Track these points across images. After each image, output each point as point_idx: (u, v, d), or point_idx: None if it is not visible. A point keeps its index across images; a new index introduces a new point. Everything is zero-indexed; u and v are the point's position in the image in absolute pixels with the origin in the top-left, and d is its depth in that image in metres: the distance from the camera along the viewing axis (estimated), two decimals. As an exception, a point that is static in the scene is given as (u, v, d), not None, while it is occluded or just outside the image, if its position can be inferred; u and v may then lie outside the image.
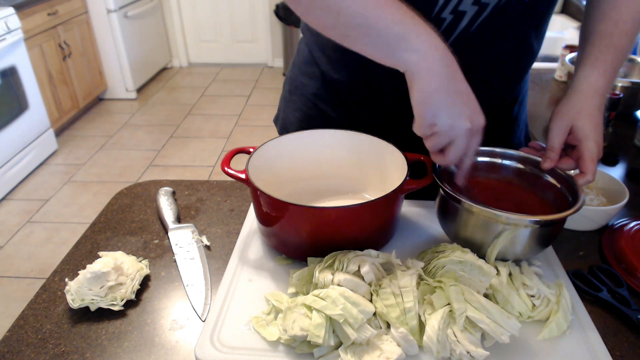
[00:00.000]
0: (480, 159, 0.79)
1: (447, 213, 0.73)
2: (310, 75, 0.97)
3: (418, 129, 0.64)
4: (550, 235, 0.70)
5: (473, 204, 0.66)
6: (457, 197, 0.67)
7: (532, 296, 0.65)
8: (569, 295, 0.65)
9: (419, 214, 0.85)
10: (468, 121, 0.61)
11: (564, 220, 0.68)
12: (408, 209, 0.86)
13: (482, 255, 0.68)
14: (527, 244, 0.67)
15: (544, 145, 0.78)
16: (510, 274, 0.67)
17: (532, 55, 0.86)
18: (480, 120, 0.62)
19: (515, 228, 0.65)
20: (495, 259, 0.69)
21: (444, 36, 0.73)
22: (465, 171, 0.69)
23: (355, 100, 0.93)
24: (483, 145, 0.78)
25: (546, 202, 0.75)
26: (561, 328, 0.62)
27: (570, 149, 0.74)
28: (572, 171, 0.74)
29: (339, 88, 0.93)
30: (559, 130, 0.72)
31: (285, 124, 1.04)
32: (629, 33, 0.74)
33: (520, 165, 0.79)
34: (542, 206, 0.75)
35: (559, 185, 0.74)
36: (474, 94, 0.63)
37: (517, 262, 0.70)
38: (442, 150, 0.65)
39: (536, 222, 0.65)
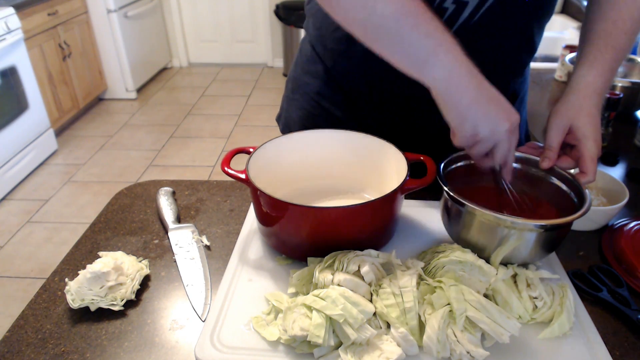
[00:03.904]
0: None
1: (451, 215, 0.73)
2: (313, 74, 0.97)
3: (460, 141, 0.65)
4: (556, 239, 0.69)
5: (477, 208, 0.65)
6: (461, 200, 0.67)
7: (535, 298, 0.65)
8: (572, 297, 0.65)
9: (419, 214, 0.85)
10: (507, 122, 0.62)
11: (570, 224, 0.67)
12: (408, 209, 0.86)
13: (485, 258, 0.68)
14: (532, 248, 0.67)
15: (541, 145, 0.78)
16: (515, 275, 0.67)
17: (533, 50, 0.86)
18: (516, 117, 0.63)
19: (520, 233, 0.65)
20: (500, 263, 0.68)
21: (446, 26, 0.74)
22: (510, 167, 0.69)
23: (358, 97, 0.93)
24: None
25: (552, 204, 0.75)
26: (563, 329, 0.61)
27: (568, 148, 0.74)
28: (572, 170, 0.74)
29: (342, 85, 0.93)
30: (557, 129, 0.72)
31: (288, 123, 1.04)
32: (627, 32, 0.74)
33: (522, 167, 0.78)
34: (547, 209, 0.75)
35: (563, 187, 0.74)
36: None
37: (523, 265, 0.70)
38: (486, 154, 0.67)
39: (542, 227, 0.65)
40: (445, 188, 0.69)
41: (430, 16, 0.60)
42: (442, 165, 0.74)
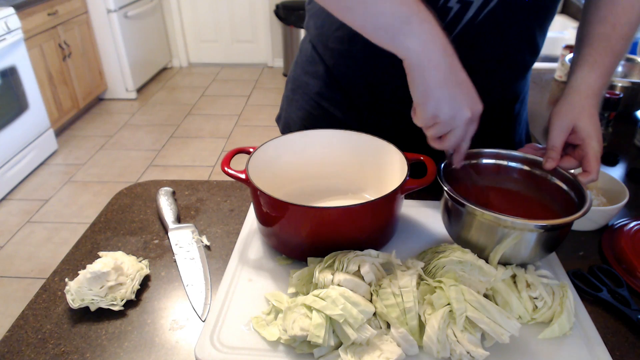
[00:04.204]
0: (484, 161, 0.79)
1: (451, 215, 0.73)
2: (313, 75, 0.97)
3: (419, 120, 0.65)
4: (556, 239, 0.69)
5: (477, 208, 0.65)
6: (461, 200, 0.67)
7: (536, 298, 0.65)
8: (573, 297, 0.65)
9: (419, 214, 0.85)
10: (469, 111, 0.62)
11: (570, 224, 0.67)
12: (408, 209, 0.86)
13: (485, 258, 0.68)
14: (532, 249, 0.67)
15: (541, 146, 0.78)
16: (514, 276, 0.67)
17: (536, 52, 0.86)
18: (478, 108, 0.64)
19: (519, 233, 0.65)
20: (500, 263, 0.68)
21: (450, 26, 0.74)
22: (462, 154, 0.70)
23: (359, 97, 0.93)
24: (486, 145, 0.79)
25: (552, 204, 0.75)
26: (563, 329, 0.61)
27: (570, 148, 0.74)
28: (573, 170, 0.74)
29: (343, 84, 0.93)
30: (560, 129, 0.72)
31: (288, 123, 1.04)
32: (625, 37, 0.75)
33: (524, 167, 0.78)
34: (548, 209, 0.75)
35: (564, 187, 0.74)
36: (477, 88, 0.64)
37: (523, 265, 0.70)
38: (440, 137, 0.67)
39: (542, 227, 0.65)
40: (446, 188, 0.69)
41: None
42: (443, 165, 0.74)
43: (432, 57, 0.59)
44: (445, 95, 0.61)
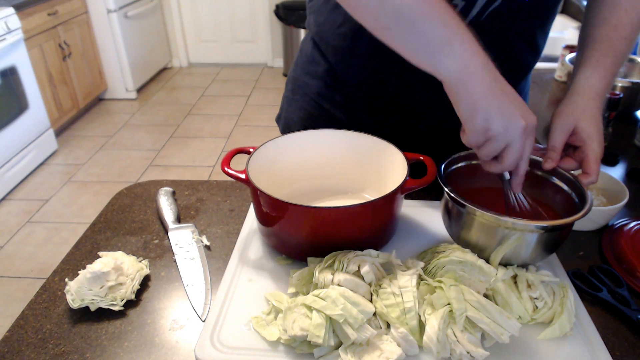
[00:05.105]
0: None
1: (452, 216, 0.73)
2: (313, 75, 0.97)
3: (471, 138, 0.61)
4: (557, 240, 0.69)
5: (477, 209, 0.65)
6: (462, 201, 0.67)
7: (536, 299, 0.65)
8: (573, 297, 0.65)
9: (419, 214, 0.85)
10: (522, 119, 0.59)
11: (571, 224, 0.67)
12: (408, 208, 0.86)
13: (485, 259, 0.67)
14: (533, 250, 0.67)
15: (541, 146, 0.78)
16: (515, 276, 0.67)
17: (537, 52, 0.87)
18: (533, 118, 0.60)
19: (520, 234, 0.65)
20: (501, 264, 0.68)
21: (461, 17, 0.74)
22: (521, 177, 0.65)
23: (360, 96, 0.93)
24: None
25: (552, 204, 0.75)
26: (564, 329, 0.61)
27: (570, 149, 0.74)
28: (574, 171, 0.74)
29: (345, 83, 0.93)
30: (561, 130, 0.72)
31: (288, 123, 1.04)
32: (627, 38, 0.75)
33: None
34: (548, 209, 0.75)
35: (565, 187, 0.74)
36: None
37: (523, 266, 0.70)
38: (495, 157, 0.63)
39: (542, 228, 0.65)
40: (446, 189, 0.69)
41: (446, 5, 0.58)
42: (443, 166, 0.74)
43: (474, 72, 0.58)
44: (493, 105, 0.58)
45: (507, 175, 0.67)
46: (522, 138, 0.60)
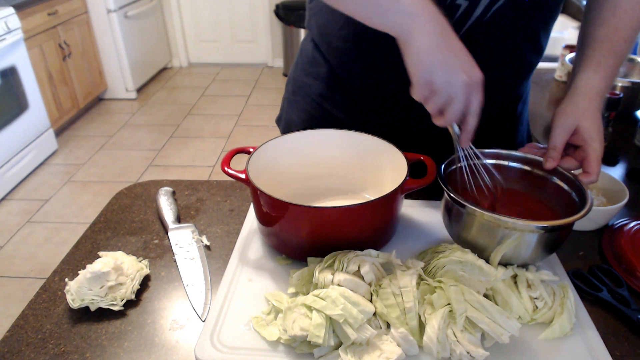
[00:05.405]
0: (486, 161, 0.78)
1: (452, 216, 0.73)
2: (314, 76, 0.97)
3: (416, 91, 0.63)
4: (557, 240, 0.69)
5: (477, 209, 0.65)
6: (462, 202, 0.67)
7: (536, 299, 0.65)
8: (573, 297, 0.65)
9: (419, 214, 0.85)
10: (464, 74, 0.60)
11: (571, 224, 0.67)
12: (409, 208, 0.86)
13: (486, 259, 0.68)
14: (533, 250, 0.67)
15: (542, 146, 0.78)
16: (516, 276, 0.67)
17: (540, 51, 0.87)
18: (477, 73, 0.61)
19: (520, 234, 0.65)
20: (501, 264, 0.68)
21: (458, 24, 0.74)
22: (470, 132, 0.66)
23: (361, 97, 0.93)
24: (489, 145, 0.78)
25: (553, 204, 0.75)
26: (564, 330, 0.61)
27: (571, 149, 0.74)
28: (574, 171, 0.74)
29: (346, 84, 0.93)
30: (562, 130, 0.72)
31: (289, 125, 1.04)
32: (627, 40, 0.75)
33: (525, 167, 0.78)
34: (548, 209, 0.75)
35: (565, 187, 0.74)
36: (483, 89, 0.63)
37: (524, 266, 0.70)
38: (442, 113, 0.64)
39: (543, 228, 0.65)
40: (446, 189, 0.69)
41: None
42: (443, 166, 0.74)
43: (422, 26, 0.59)
44: (437, 59, 0.60)
45: (457, 130, 0.67)
46: (464, 92, 0.61)
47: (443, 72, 0.60)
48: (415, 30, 0.59)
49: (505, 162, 0.79)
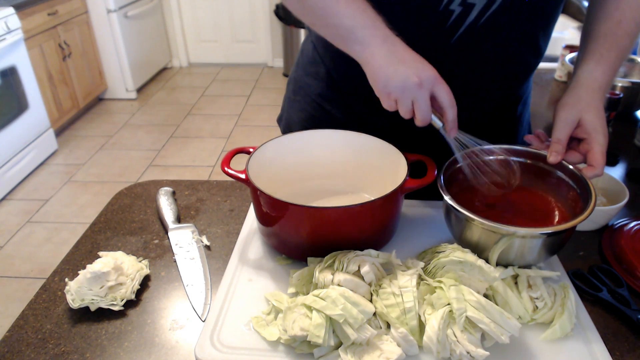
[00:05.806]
0: (489, 157, 0.78)
1: (452, 220, 0.73)
2: (314, 76, 0.97)
3: (383, 104, 0.69)
4: (560, 242, 0.69)
5: (477, 218, 0.65)
6: (461, 210, 0.66)
7: (536, 299, 0.64)
8: (574, 297, 0.65)
9: (419, 214, 0.85)
10: (415, 77, 0.65)
11: (573, 227, 0.66)
12: (409, 208, 0.86)
13: (486, 259, 0.67)
14: (537, 253, 0.67)
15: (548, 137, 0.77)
16: (516, 276, 0.67)
17: (539, 54, 0.86)
18: (427, 73, 0.66)
19: (521, 238, 0.64)
20: (503, 265, 0.68)
21: (452, 29, 0.74)
22: (451, 122, 0.69)
23: (358, 99, 0.93)
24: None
25: (556, 199, 0.74)
26: (565, 330, 0.61)
27: (575, 142, 0.74)
28: (579, 165, 0.73)
29: (343, 86, 0.93)
30: (566, 123, 0.72)
31: (290, 124, 1.04)
32: (630, 34, 0.75)
33: (528, 161, 0.77)
34: (551, 205, 0.74)
35: (569, 181, 0.73)
36: (479, 90, 0.64)
37: (526, 267, 0.70)
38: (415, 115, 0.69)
39: (544, 234, 0.64)
40: (446, 197, 0.68)
41: (354, 1, 0.67)
42: (443, 169, 0.73)
43: (374, 49, 0.67)
44: (389, 72, 0.66)
45: (439, 123, 0.70)
46: (422, 91, 0.66)
47: (396, 81, 0.66)
48: (368, 55, 0.68)
49: (509, 157, 0.78)
